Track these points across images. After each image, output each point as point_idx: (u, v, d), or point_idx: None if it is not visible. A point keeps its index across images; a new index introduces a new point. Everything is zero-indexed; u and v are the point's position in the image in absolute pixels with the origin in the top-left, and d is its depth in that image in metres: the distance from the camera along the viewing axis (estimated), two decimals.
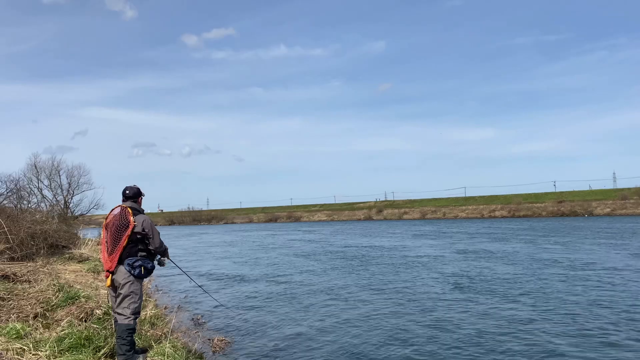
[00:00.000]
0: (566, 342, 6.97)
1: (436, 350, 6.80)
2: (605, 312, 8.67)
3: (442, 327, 8.04)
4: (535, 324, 8.02)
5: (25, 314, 6.33)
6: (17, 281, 8.13)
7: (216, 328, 8.54)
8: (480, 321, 8.31)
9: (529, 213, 68.81)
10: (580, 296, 10.16)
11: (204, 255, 24.28)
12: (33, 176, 33.43)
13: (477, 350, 6.75)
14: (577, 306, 9.20)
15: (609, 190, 73.48)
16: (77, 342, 5.19)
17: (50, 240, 13.49)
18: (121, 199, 5.51)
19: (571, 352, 6.52)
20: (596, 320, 8.10)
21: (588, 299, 9.85)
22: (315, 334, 7.89)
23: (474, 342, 7.10)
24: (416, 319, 8.69)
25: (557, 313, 8.70)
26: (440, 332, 7.70)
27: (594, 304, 9.32)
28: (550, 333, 7.45)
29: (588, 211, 63.72)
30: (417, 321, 8.49)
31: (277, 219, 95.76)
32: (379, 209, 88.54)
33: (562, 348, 6.70)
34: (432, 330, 7.88)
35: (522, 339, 7.16)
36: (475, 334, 7.51)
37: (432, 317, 8.74)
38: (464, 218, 73.15)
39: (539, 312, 8.79)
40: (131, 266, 5.10)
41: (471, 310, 9.21)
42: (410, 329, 8.01)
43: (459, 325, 8.08)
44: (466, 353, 6.63)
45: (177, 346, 5.52)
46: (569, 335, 7.33)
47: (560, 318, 8.34)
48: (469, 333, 7.59)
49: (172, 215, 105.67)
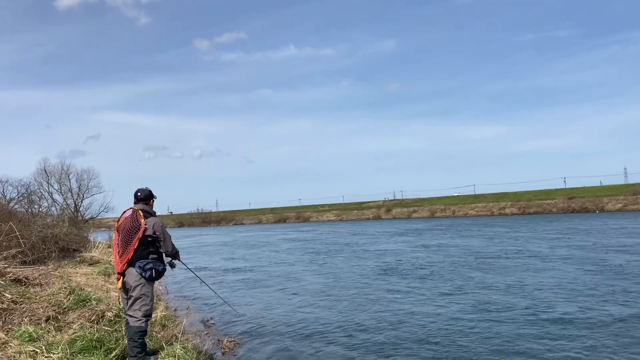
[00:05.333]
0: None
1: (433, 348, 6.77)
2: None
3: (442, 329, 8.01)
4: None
5: (37, 317, 6.38)
6: (29, 285, 8.20)
7: (226, 329, 8.55)
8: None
9: (539, 210, 68.26)
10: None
11: (213, 256, 24.38)
12: (43, 180, 33.73)
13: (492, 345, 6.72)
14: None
15: (620, 186, 72.74)
16: (88, 344, 5.22)
17: (61, 243, 13.61)
18: (133, 202, 5.53)
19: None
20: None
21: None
22: (326, 335, 7.88)
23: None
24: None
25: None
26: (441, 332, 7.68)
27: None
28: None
29: (599, 207, 63.05)
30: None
31: (286, 219, 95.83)
32: (387, 208, 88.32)
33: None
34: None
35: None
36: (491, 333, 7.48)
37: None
38: (474, 216, 72.75)
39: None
40: (142, 269, 5.12)
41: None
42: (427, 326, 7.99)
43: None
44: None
45: (187, 347, 5.53)
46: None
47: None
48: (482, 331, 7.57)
49: (181, 217, 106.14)
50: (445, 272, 14.04)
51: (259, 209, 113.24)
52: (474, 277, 12.91)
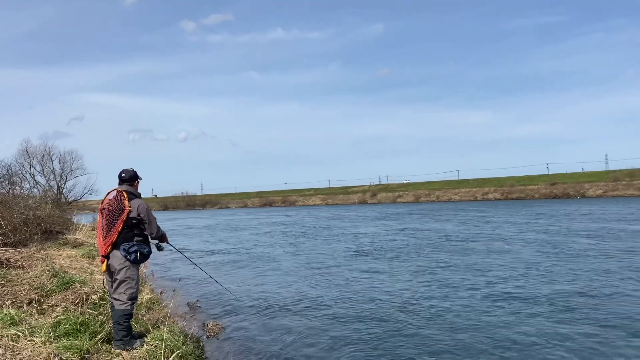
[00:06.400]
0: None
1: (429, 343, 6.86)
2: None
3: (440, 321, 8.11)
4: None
5: (19, 300, 6.28)
6: (11, 267, 8.06)
7: (211, 312, 8.53)
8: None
9: (522, 195, 69.15)
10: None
11: (193, 238, 24.32)
12: (25, 162, 33.12)
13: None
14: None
15: (601, 172, 73.81)
16: (73, 327, 5.15)
17: (44, 225, 13.40)
18: (117, 183, 5.43)
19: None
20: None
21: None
22: (303, 312, 7.92)
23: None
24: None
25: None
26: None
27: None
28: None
29: (580, 193, 64.11)
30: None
31: (272, 203, 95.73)
32: (373, 193, 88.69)
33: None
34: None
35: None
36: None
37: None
38: (457, 201, 73.46)
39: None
40: (127, 251, 5.04)
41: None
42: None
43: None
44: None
45: (174, 331, 5.49)
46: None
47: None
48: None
49: (166, 200, 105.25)
50: (412, 253, 14.88)
51: (245, 193, 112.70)
52: (437, 257, 13.76)
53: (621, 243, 15.23)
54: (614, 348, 5.91)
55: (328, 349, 6.30)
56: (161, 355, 4.73)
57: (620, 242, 15.55)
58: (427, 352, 5.99)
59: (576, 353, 5.77)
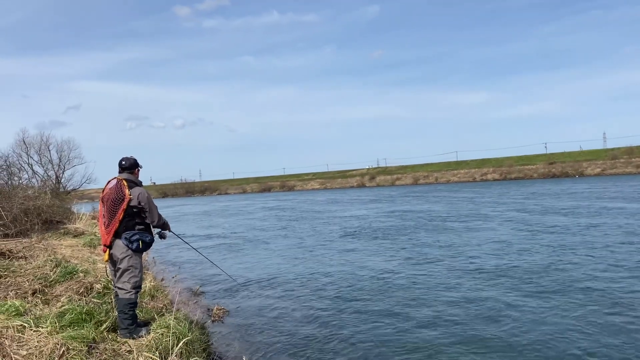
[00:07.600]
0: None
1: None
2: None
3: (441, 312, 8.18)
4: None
5: (23, 291, 6.28)
6: (13, 258, 8.06)
7: (215, 297, 8.63)
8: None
9: (520, 175, 69.21)
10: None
11: (190, 224, 24.41)
12: (22, 152, 32.89)
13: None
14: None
15: (599, 151, 73.82)
16: (78, 317, 5.14)
17: (44, 215, 13.38)
18: (118, 171, 5.38)
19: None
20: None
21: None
22: (312, 303, 7.96)
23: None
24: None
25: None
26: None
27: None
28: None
29: (579, 172, 64.16)
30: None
31: (271, 188, 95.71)
32: (371, 176, 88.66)
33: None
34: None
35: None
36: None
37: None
38: (456, 182, 73.52)
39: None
40: (129, 240, 5.02)
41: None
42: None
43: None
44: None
45: (179, 317, 5.50)
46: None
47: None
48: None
49: (164, 187, 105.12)
50: (396, 233, 15.83)
51: (243, 179, 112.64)
52: (416, 237, 14.69)
53: (594, 219, 15.86)
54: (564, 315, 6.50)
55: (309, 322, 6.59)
56: (168, 342, 4.74)
57: (593, 218, 16.23)
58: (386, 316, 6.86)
59: (530, 319, 6.38)
